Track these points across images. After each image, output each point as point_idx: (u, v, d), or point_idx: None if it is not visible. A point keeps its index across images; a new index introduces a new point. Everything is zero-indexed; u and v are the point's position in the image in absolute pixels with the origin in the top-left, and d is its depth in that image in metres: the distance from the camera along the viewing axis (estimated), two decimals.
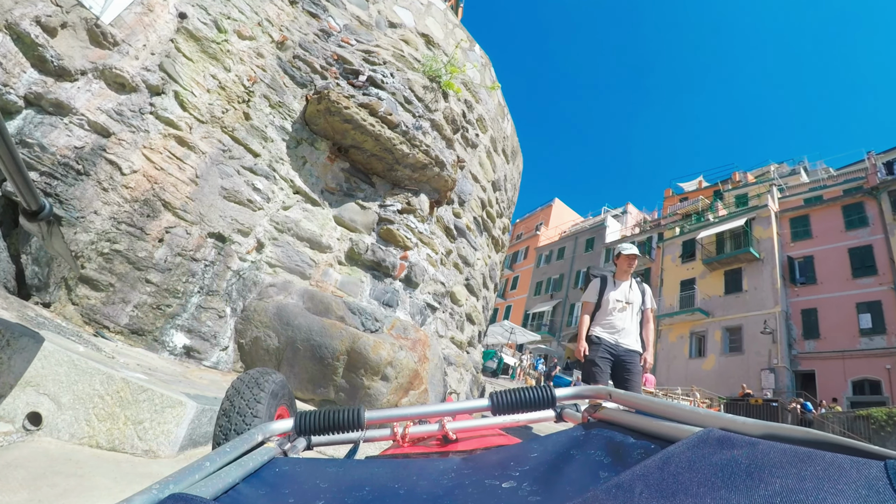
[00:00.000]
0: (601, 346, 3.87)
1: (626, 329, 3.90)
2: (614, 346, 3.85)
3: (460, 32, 6.63)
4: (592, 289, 4.11)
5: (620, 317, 3.92)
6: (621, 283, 4.04)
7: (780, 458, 0.32)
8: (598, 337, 3.93)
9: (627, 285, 4.02)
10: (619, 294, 3.98)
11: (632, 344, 3.88)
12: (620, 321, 3.91)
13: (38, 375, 1.94)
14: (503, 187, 7.56)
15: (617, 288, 4.01)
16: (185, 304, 3.49)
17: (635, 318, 3.98)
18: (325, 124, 4.54)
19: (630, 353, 3.85)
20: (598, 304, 4.03)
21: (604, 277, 4.11)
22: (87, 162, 3.19)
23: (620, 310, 3.93)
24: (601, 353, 3.85)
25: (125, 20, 3.47)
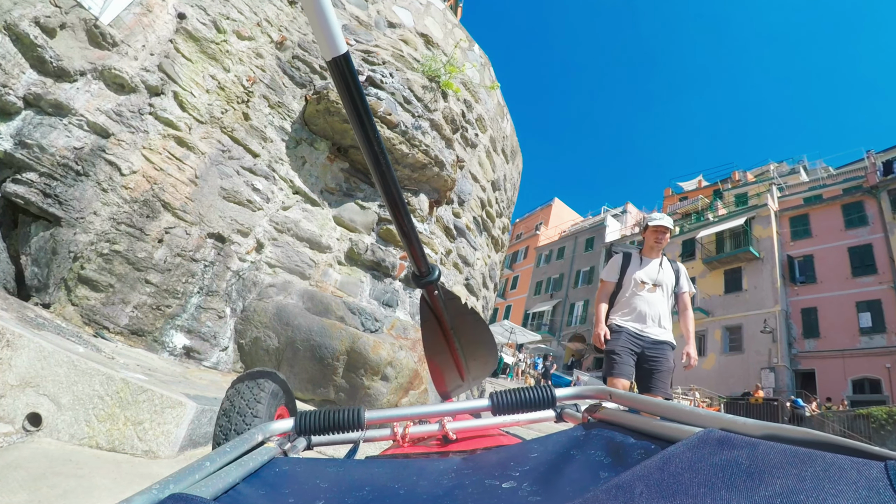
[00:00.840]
0: (622, 334, 3.17)
1: (653, 316, 3.21)
2: (638, 336, 3.16)
3: (459, 32, 6.62)
4: (613, 266, 3.43)
5: (647, 301, 3.24)
6: (649, 260, 3.34)
7: (781, 459, 0.32)
8: (618, 325, 3.25)
9: (657, 263, 3.32)
10: (645, 273, 3.29)
11: (660, 334, 3.16)
12: (647, 306, 3.23)
13: (37, 376, 1.94)
14: (503, 187, 7.56)
15: (643, 266, 3.31)
16: (184, 304, 3.49)
17: (666, 303, 3.29)
18: (325, 124, 4.53)
19: (659, 346, 3.14)
20: (619, 284, 3.36)
21: (627, 254, 3.43)
22: (86, 163, 3.18)
23: (647, 292, 3.26)
24: (622, 341, 3.15)
25: (124, 21, 3.47)
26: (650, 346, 3.15)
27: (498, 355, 2.52)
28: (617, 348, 3.15)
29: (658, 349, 3.13)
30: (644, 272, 3.30)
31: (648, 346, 3.14)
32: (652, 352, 3.13)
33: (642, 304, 3.23)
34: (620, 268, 3.38)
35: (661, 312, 3.23)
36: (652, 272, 3.30)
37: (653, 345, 3.14)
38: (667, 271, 3.34)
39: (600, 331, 3.26)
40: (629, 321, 3.23)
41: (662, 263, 3.36)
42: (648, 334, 3.17)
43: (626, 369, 3.09)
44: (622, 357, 3.11)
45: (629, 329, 3.20)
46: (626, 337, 3.17)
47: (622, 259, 3.41)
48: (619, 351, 3.14)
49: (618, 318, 3.30)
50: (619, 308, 3.34)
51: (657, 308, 3.24)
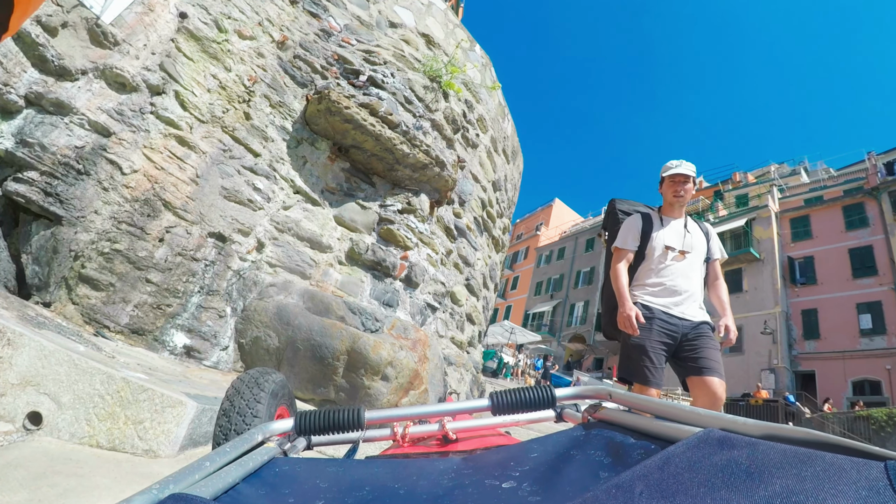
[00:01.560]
0: (654, 321, 2.47)
1: (689, 291, 2.53)
2: (674, 320, 2.48)
3: (461, 32, 6.62)
4: (631, 228, 2.70)
5: (679, 272, 2.54)
6: (672, 220, 2.68)
7: (781, 459, 0.32)
8: (646, 305, 2.53)
9: (681, 225, 2.66)
10: (672, 236, 2.61)
11: (699, 315, 2.52)
12: (680, 279, 2.53)
13: (38, 375, 1.94)
14: (503, 187, 7.56)
15: (667, 227, 2.65)
16: (185, 303, 3.49)
17: (700, 274, 2.62)
18: (326, 124, 4.54)
19: (701, 329, 2.48)
20: (639, 252, 2.68)
21: (646, 214, 2.74)
22: (87, 161, 3.19)
23: (676, 260, 2.57)
24: (655, 333, 2.44)
25: (126, 20, 3.48)
26: (690, 329, 2.47)
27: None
28: (648, 344, 2.41)
29: (701, 332, 2.47)
30: (670, 234, 2.62)
31: (688, 330, 2.47)
32: (693, 333, 2.46)
33: (674, 277, 2.54)
34: (641, 231, 2.67)
35: (696, 285, 2.57)
36: (678, 234, 2.63)
37: (694, 328, 2.47)
38: (695, 234, 2.67)
39: (630, 311, 2.43)
40: (660, 299, 2.53)
41: (688, 224, 2.69)
42: (686, 316, 2.48)
43: (659, 374, 2.41)
44: (655, 358, 2.41)
45: (661, 311, 2.49)
46: (659, 325, 2.46)
47: (641, 221, 2.70)
48: (651, 349, 2.41)
49: (644, 294, 2.58)
50: (644, 282, 2.62)
51: (692, 281, 2.56)
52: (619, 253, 2.71)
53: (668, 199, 2.71)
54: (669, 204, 2.72)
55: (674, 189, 2.65)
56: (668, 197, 2.70)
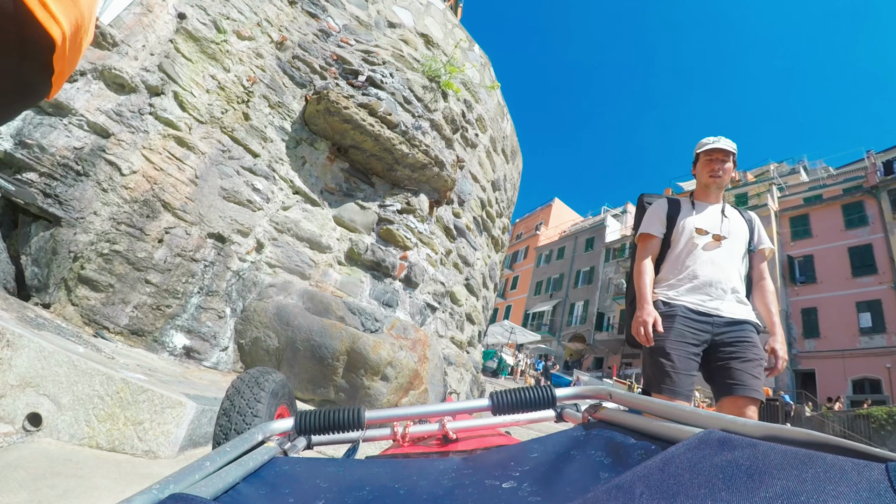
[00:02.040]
0: (676, 318, 2.06)
1: (723, 282, 2.11)
2: (704, 317, 2.06)
3: (459, 32, 6.62)
4: (657, 213, 2.35)
5: (711, 260, 2.15)
6: (706, 205, 2.31)
7: (781, 460, 0.32)
8: (667, 303, 2.14)
9: (718, 210, 2.28)
10: (705, 220, 2.24)
11: (738, 311, 2.08)
12: (712, 268, 2.13)
13: (38, 376, 1.94)
14: (503, 187, 7.56)
15: (700, 212, 2.28)
16: (184, 304, 3.49)
17: (740, 263, 2.21)
18: (325, 124, 4.54)
19: (742, 330, 2.04)
20: (666, 240, 2.30)
21: (674, 200, 2.40)
22: (86, 163, 3.19)
23: (709, 248, 2.18)
24: (677, 333, 2.04)
25: (124, 21, 3.47)
26: (724, 329, 2.04)
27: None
28: (669, 346, 2.01)
29: (737, 331, 2.04)
30: (703, 219, 2.24)
31: (722, 329, 2.04)
32: (729, 336, 2.03)
33: (705, 266, 2.13)
34: (667, 215, 2.31)
35: (733, 276, 2.14)
36: (713, 219, 2.25)
37: (728, 327, 2.05)
38: (735, 221, 2.27)
39: (647, 316, 2.04)
40: (686, 293, 2.12)
41: (726, 210, 2.29)
42: (720, 312, 2.06)
43: (685, 381, 1.97)
44: (679, 361, 1.99)
45: (687, 306, 2.09)
46: (682, 324, 2.05)
47: (668, 205, 2.35)
48: (673, 350, 2.00)
49: (665, 289, 2.19)
50: (666, 274, 2.24)
51: (728, 270, 2.13)
52: (644, 242, 2.33)
53: (703, 181, 2.32)
54: (704, 186, 2.33)
55: (710, 168, 2.27)
56: (702, 178, 2.33)
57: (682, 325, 2.06)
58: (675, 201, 2.38)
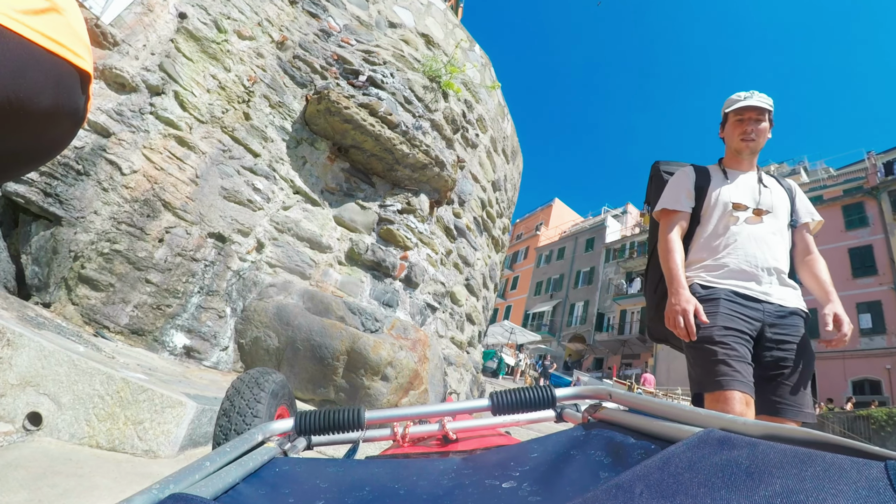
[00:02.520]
0: (720, 302, 1.71)
1: (772, 266, 1.78)
2: (753, 303, 1.72)
3: (460, 32, 6.63)
4: (681, 185, 1.99)
5: (755, 237, 1.81)
6: (738, 174, 1.96)
7: (781, 459, 0.32)
8: (706, 286, 1.79)
9: (754, 179, 1.94)
10: (742, 192, 1.90)
11: (788, 297, 1.76)
12: (755, 246, 1.80)
13: (38, 375, 1.94)
14: (503, 187, 7.56)
15: (732, 181, 1.94)
16: (185, 304, 3.49)
17: (785, 241, 1.88)
18: (325, 124, 4.54)
19: (792, 324, 1.71)
20: (694, 215, 1.96)
21: (701, 168, 2.04)
22: (87, 162, 3.19)
23: (750, 222, 1.84)
24: (722, 317, 1.68)
25: (125, 20, 3.48)
26: (776, 321, 1.70)
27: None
28: (719, 331, 1.63)
29: (789, 327, 1.70)
30: (740, 190, 1.90)
31: (773, 321, 1.70)
32: (778, 332, 1.69)
33: (748, 245, 1.80)
34: (694, 185, 1.96)
35: (780, 257, 1.82)
36: (752, 190, 1.90)
37: (780, 319, 1.70)
38: (775, 191, 1.93)
39: (686, 303, 1.68)
40: (728, 277, 1.78)
41: (763, 179, 1.94)
42: (771, 298, 1.73)
43: (745, 371, 1.57)
44: (735, 349, 1.60)
45: (733, 290, 1.74)
46: (729, 308, 1.69)
47: (695, 174, 1.99)
48: (726, 336, 1.62)
49: (700, 272, 1.84)
50: (700, 255, 1.89)
51: (775, 249, 1.81)
52: (668, 218, 1.94)
53: (734, 145, 1.96)
54: (735, 152, 1.96)
55: (741, 130, 1.91)
56: (733, 142, 1.96)
57: (730, 310, 1.68)
58: (702, 170, 2.02)
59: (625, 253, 31.40)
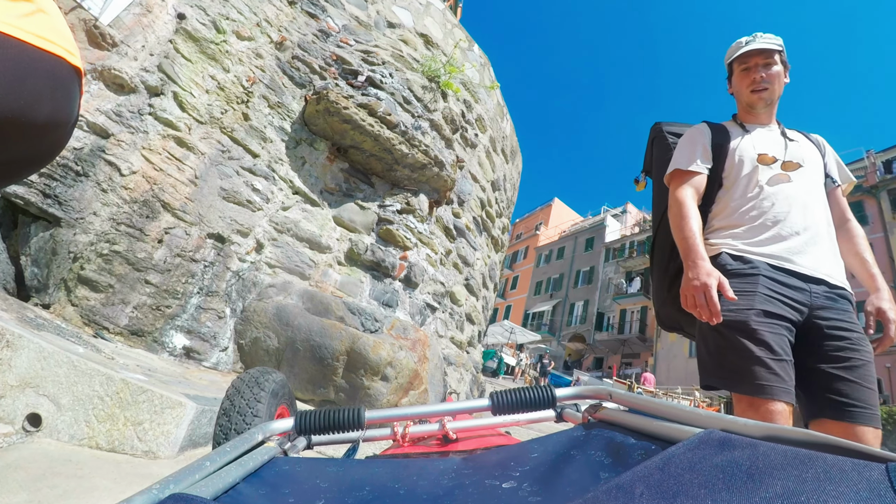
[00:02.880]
0: (759, 279, 1.40)
1: (812, 229, 1.48)
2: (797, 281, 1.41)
3: (459, 32, 6.63)
4: (696, 142, 1.69)
5: (788, 197, 1.51)
6: (757, 128, 1.68)
7: (781, 460, 0.32)
8: (740, 256, 1.48)
9: (776, 132, 1.67)
10: (766, 144, 1.61)
11: (835, 271, 1.46)
12: (793, 208, 1.49)
13: (37, 377, 1.94)
14: (502, 187, 7.56)
15: (754, 133, 1.66)
16: (184, 304, 3.49)
17: (821, 202, 1.56)
18: (325, 124, 4.54)
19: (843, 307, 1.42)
20: (715, 176, 1.65)
21: (717, 124, 1.75)
22: (86, 163, 3.18)
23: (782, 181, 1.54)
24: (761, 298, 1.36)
25: (124, 21, 3.47)
26: (825, 303, 1.40)
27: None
28: (756, 318, 1.33)
29: (840, 309, 1.40)
30: (765, 142, 1.62)
31: (822, 303, 1.39)
32: (832, 316, 1.38)
33: (783, 205, 1.49)
34: (710, 142, 1.67)
35: (821, 219, 1.51)
36: (777, 143, 1.62)
37: (829, 300, 1.40)
38: (804, 145, 1.65)
39: (707, 277, 1.34)
40: (766, 244, 1.46)
41: (787, 133, 1.66)
42: (818, 273, 1.42)
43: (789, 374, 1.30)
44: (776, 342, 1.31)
45: (772, 264, 1.43)
46: (769, 287, 1.38)
47: (710, 131, 1.70)
48: (764, 326, 1.33)
49: (730, 239, 1.53)
50: (727, 220, 1.58)
51: (814, 210, 1.50)
52: (680, 180, 1.64)
53: (745, 99, 1.68)
54: (748, 106, 1.69)
55: (749, 80, 1.64)
56: (743, 95, 1.69)
57: (770, 289, 1.37)
58: (718, 126, 1.73)
59: (624, 252, 31.42)
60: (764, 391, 1.27)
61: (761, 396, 1.27)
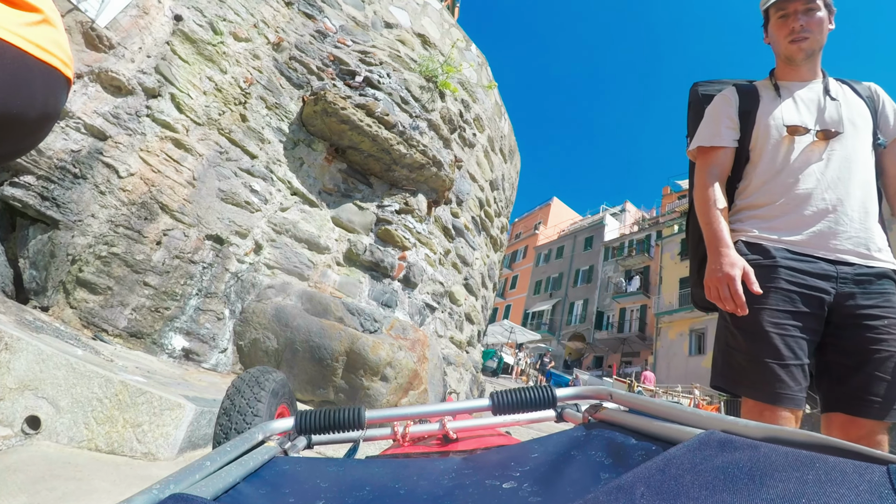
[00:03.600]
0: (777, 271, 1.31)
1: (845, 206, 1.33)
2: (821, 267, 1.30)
3: (456, 32, 6.62)
4: (721, 112, 1.55)
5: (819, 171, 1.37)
6: (798, 85, 1.50)
7: (782, 462, 0.32)
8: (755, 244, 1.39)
9: (818, 89, 1.48)
10: (799, 110, 1.45)
11: (876, 250, 1.32)
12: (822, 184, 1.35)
13: (36, 379, 1.94)
14: (501, 186, 7.56)
15: (787, 97, 1.49)
16: (183, 306, 3.48)
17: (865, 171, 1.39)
18: (322, 125, 4.53)
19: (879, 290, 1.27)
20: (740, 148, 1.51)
21: (745, 87, 1.56)
22: (84, 165, 3.18)
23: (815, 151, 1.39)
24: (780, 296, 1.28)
25: (121, 23, 3.47)
26: (853, 289, 1.29)
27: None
28: (769, 320, 1.27)
29: (875, 294, 1.28)
30: (795, 109, 1.45)
31: (849, 289, 1.28)
32: (862, 303, 1.27)
33: (810, 180, 1.37)
34: (740, 111, 1.51)
35: (857, 193, 1.35)
36: (814, 105, 1.45)
37: (860, 285, 1.29)
38: (850, 102, 1.45)
39: (730, 268, 1.28)
40: (787, 228, 1.36)
41: (831, 89, 1.47)
42: (845, 255, 1.31)
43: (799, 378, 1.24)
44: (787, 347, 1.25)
45: (792, 250, 1.34)
46: (788, 280, 1.30)
47: (737, 96, 1.53)
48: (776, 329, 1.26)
49: (750, 224, 1.43)
50: (750, 200, 1.47)
51: (849, 185, 1.35)
52: (705, 157, 1.52)
53: (783, 50, 1.50)
54: (786, 59, 1.51)
55: (787, 28, 1.46)
56: (780, 46, 1.50)
57: (788, 284, 1.28)
58: (748, 89, 1.55)
59: (623, 251, 31.46)
60: (768, 397, 1.24)
61: (770, 403, 1.24)
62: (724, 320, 1.40)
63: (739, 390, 1.32)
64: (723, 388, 1.39)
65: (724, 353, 1.39)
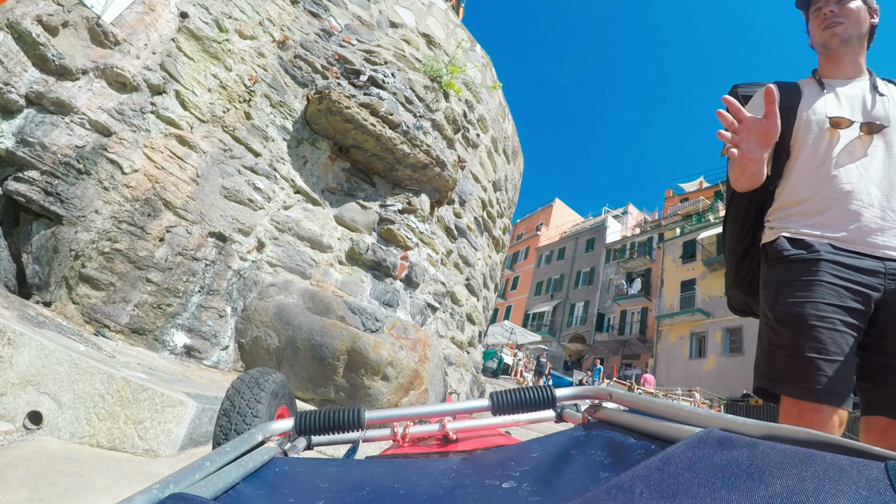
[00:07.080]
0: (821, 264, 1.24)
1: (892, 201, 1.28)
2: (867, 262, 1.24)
3: (461, 32, 6.63)
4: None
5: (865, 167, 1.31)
6: (843, 82, 1.45)
7: (781, 459, 0.32)
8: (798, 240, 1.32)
9: (863, 85, 1.42)
10: (843, 104, 1.40)
11: None
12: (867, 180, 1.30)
13: (38, 374, 1.95)
14: (504, 187, 7.56)
15: (830, 92, 1.43)
16: (185, 303, 3.49)
17: None
18: (326, 124, 4.54)
19: None
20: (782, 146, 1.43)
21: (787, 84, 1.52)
22: (88, 161, 3.19)
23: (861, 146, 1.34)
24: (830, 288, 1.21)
25: (126, 19, 3.48)
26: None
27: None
28: (812, 311, 1.21)
29: None
30: (838, 102, 1.41)
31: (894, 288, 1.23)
32: None
33: (853, 175, 1.32)
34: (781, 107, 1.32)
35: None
36: (857, 100, 1.40)
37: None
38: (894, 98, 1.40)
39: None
40: (831, 224, 1.31)
41: (878, 85, 1.42)
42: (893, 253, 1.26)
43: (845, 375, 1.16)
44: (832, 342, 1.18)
45: (836, 245, 1.28)
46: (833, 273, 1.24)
47: (778, 92, 1.35)
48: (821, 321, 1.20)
49: (792, 221, 1.38)
50: (791, 197, 1.41)
51: (893, 180, 1.31)
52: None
53: (818, 38, 1.47)
54: (824, 49, 1.47)
55: (819, 19, 1.46)
56: (816, 37, 1.48)
57: (833, 277, 1.22)
58: (790, 86, 1.50)
59: (625, 253, 31.38)
60: (810, 393, 1.16)
61: (812, 400, 1.16)
62: (766, 318, 1.32)
63: (781, 389, 1.24)
64: (765, 391, 1.30)
65: (766, 352, 1.31)
